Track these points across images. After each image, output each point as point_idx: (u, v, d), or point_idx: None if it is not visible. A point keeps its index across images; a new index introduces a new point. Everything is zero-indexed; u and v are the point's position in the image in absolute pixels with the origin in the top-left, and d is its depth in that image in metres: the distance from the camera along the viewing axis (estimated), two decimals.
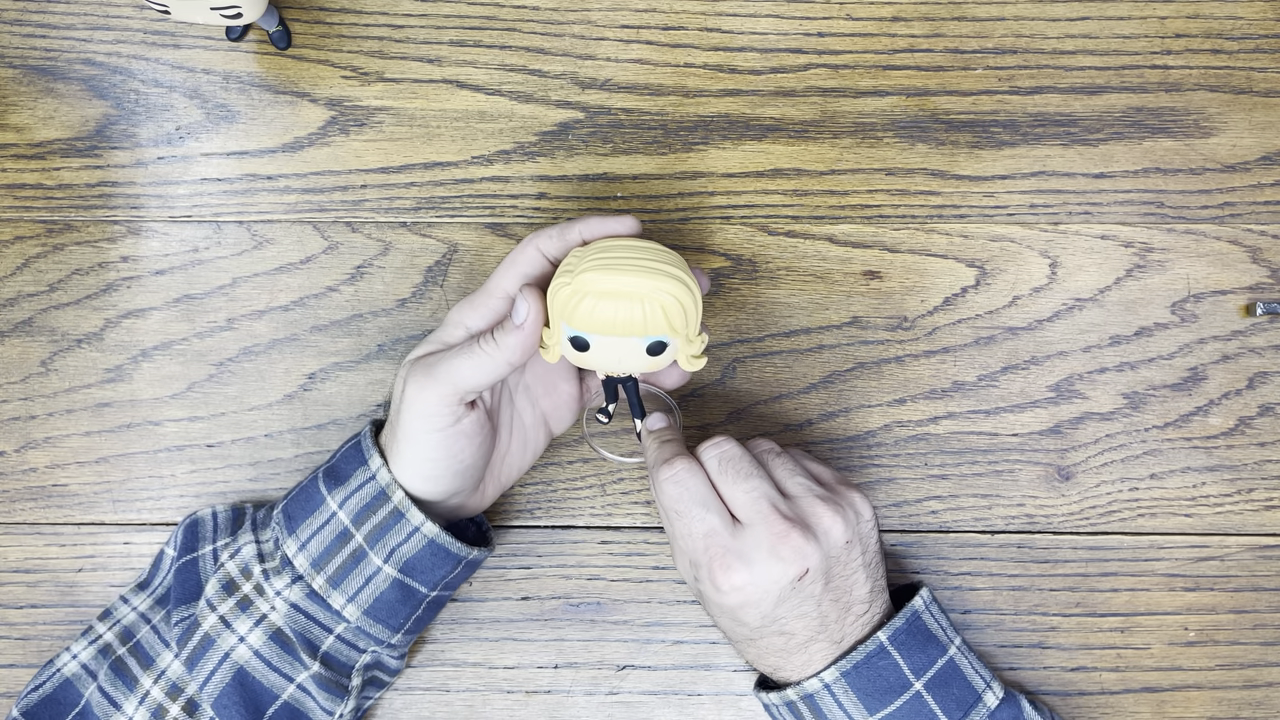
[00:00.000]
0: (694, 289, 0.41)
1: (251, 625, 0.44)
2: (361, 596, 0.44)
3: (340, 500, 0.44)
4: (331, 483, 0.45)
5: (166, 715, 0.44)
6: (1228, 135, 0.52)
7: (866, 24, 0.52)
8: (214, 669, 0.44)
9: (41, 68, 0.52)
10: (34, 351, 0.52)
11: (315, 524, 0.44)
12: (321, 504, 0.44)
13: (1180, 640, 0.51)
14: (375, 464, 0.44)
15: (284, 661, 0.44)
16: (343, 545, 0.44)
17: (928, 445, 0.52)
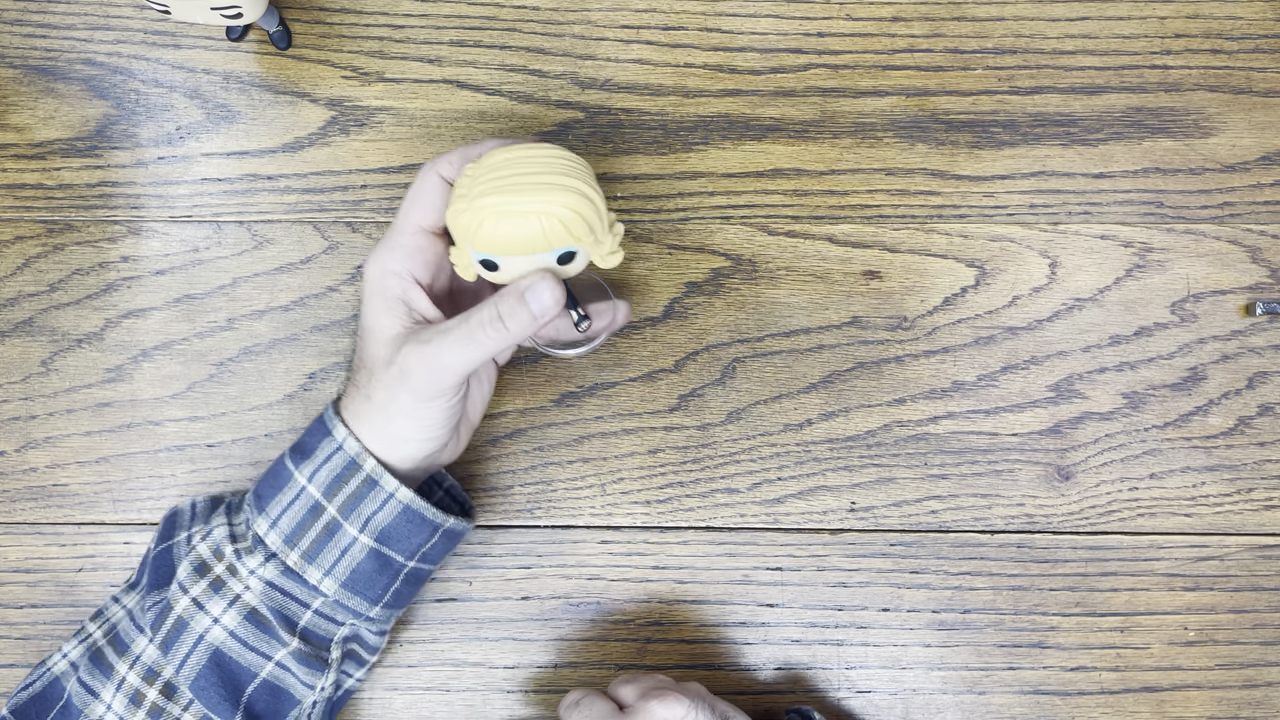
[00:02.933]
0: (592, 192, 0.41)
1: (225, 606, 0.44)
2: (338, 569, 0.44)
3: (309, 474, 0.44)
4: (298, 458, 0.44)
5: (144, 700, 0.44)
6: (1227, 135, 0.52)
7: (866, 24, 0.52)
8: (189, 651, 0.43)
9: (42, 68, 0.52)
10: (34, 351, 0.52)
11: (285, 500, 0.44)
12: (290, 480, 0.44)
13: (1180, 640, 0.51)
14: (340, 434, 0.44)
15: (261, 640, 0.44)
16: (315, 519, 0.43)
17: (927, 445, 0.52)
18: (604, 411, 0.52)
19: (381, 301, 0.43)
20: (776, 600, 0.51)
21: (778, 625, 0.51)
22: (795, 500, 0.51)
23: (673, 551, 0.51)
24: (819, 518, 0.51)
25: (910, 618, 0.51)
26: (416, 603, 0.51)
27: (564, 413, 0.52)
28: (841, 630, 0.51)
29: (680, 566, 0.51)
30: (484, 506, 0.51)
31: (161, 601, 0.45)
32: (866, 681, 0.51)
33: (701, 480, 0.52)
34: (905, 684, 0.51)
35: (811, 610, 0.51)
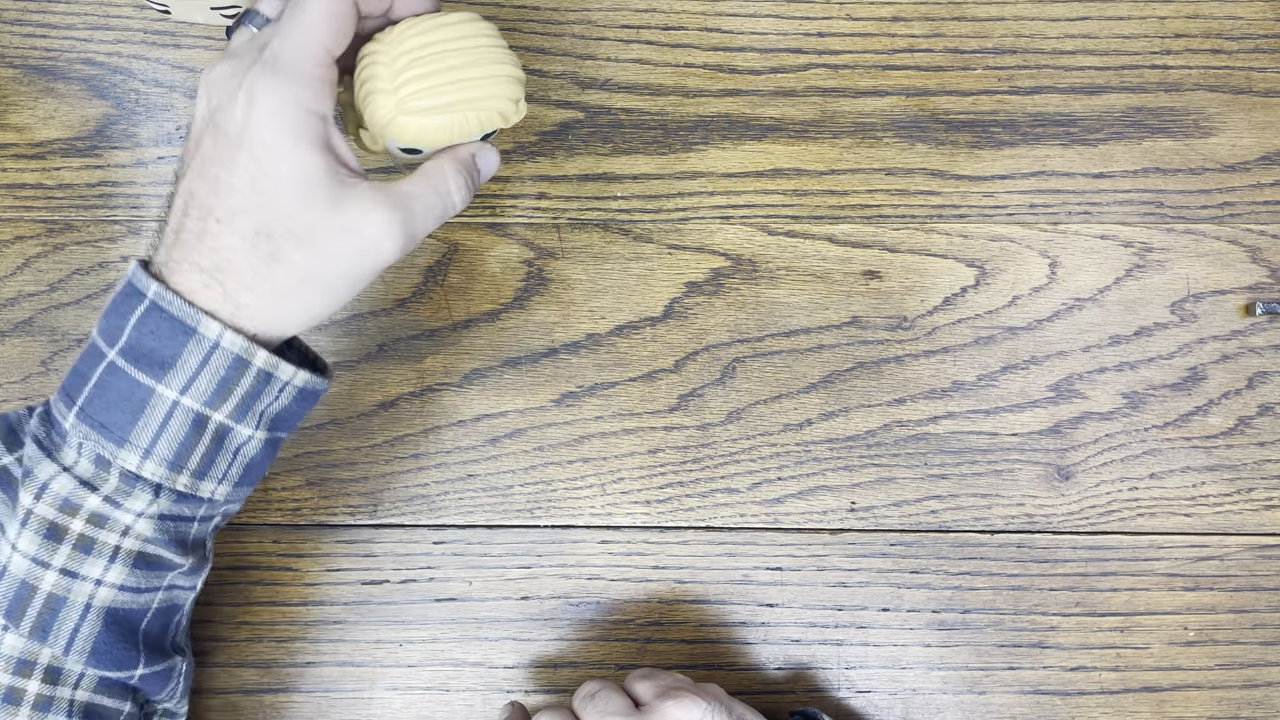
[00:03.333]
0: (517, 70, 0.40)
1: (106, 563, 0.38)
2: (231, 472, 0.39)
3: (180, 387, 0.36)
4: (152, 370, 0.36)
5: (23, 697, 0.38)
6: (1227, 135, 0.52)
7: (866, 24, 0.52)
8: (77, 625, 0.38)
9: (42, 67, 0.52)
10: (34, 351, 0.52)
11: (153, 423, 0.37)
12: (151, 398, 0.36)
13: (1180, 640, 0.51)
14: (213, 330, 0.36)
15: (153, 577, 0.39)
16: (200, 432, 0.37)
17: (927, 445, 0.52)
18: (604, 411, 0.52)
19: (305, 149, 0.36)
20: (776, 600, 0.51)
21: (777, 625, 0.51)
22: (795, 500, 0.51)
23: (672, 551, 0.51)
24: (819, 518, 0.51)
25: (910, 618, 0.51)
26: (417, 602, 0.51)
27: (564, 413, 0.52)
28: (841, 630, 0.51)
29: (680, 566, 0.51)
30: (484, 506, 0.51)
31: (11, 588, 0.37)
32: (866, 681, 0.51)
33: (701, 480, 0.52)
34: (905, 684, 0.51)
35: (811, 610, 0.51)
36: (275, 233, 0.36)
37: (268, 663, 0.51)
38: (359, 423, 0.52)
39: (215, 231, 0.36)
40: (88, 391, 0.37)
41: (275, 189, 0.36)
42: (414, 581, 0.51)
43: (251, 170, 0.36)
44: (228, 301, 0.36)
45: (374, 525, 0.51)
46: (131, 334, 0.37)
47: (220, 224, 0.36)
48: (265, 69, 0.35)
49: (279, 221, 0.36)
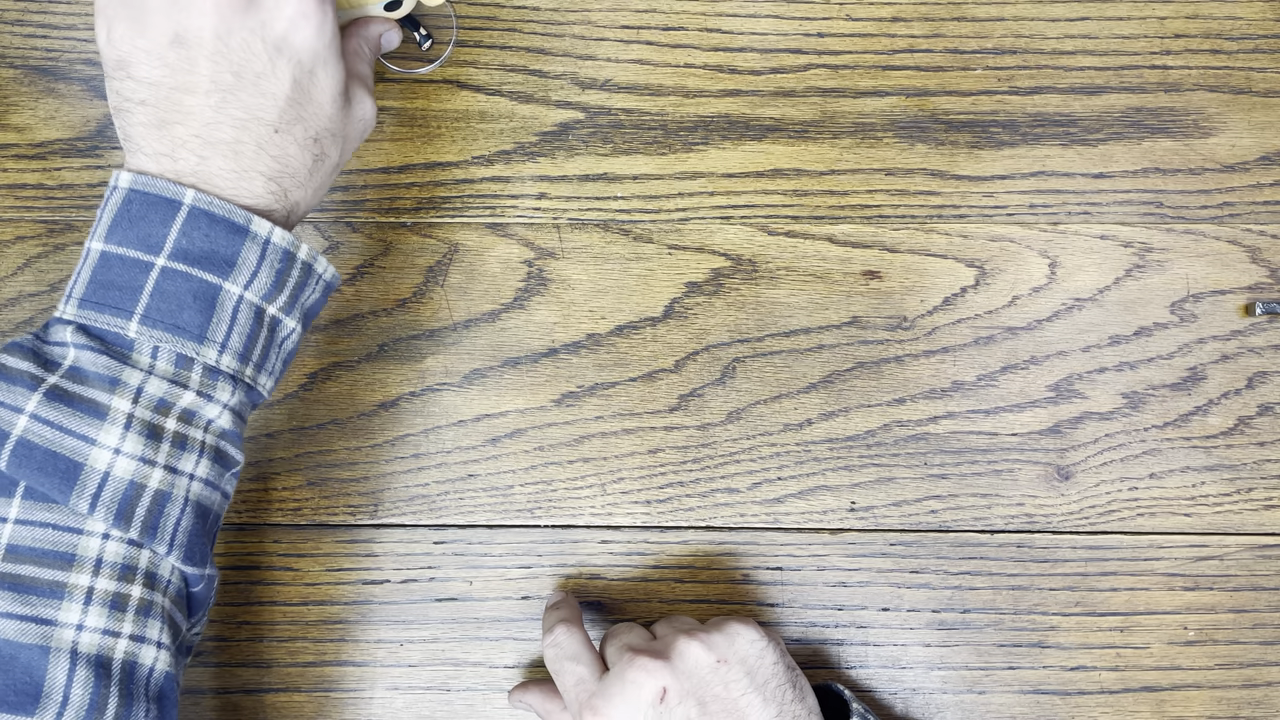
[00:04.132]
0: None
1: (197, 458, 0.39)
2: (277, 365, 0.42)
3: (244, 283, 0.39)
4: (219, 269, 0.38)
5: (128, 602, 0.38)
6: (1227, 135, 0.52)
7: (866, 24, 0.53)
8: (177, 521, 0.38)
9: (43, 68, 0.52)
10: None
11: (225, 318, 0.39)
12: (220, 295, 0.38)
13: (1180, 640, 0.51)
14: (264, 228, 0.39)
15: (222, 473, 0.41)
16: (260, 325, 0.40)
17: (927, 445, 0.52)
18: (604, 411, 0.52)
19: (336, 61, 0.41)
20: (776, 600, 0.51)
21: (777, 625, 0.51)
22: (795, 500, 0.51)
23: (673, 551, 0.51)
24: (819, 518, 0.51)
25: (910, 617, 0.51)
26: (417, 602, 0.51)
27: (564, 413, 0.52)
28: (841, 630, 0.51)
29: (680, 566, 0.51)
30: (484, 506, 0.51)
31: (119, 489, 0.37)
32: (866, 681, 0.51)
33: (701, 480, 0.52)
34: (905, 684, 0.51)
35: (811, 610, 0.51)
36: (322, 136, 0.41)
37: (268, 662, 0.51)
38: (359, 423, 0.52)
39: (276, 140, 0.40)
40: (147, 299, 0.38)
41: (321, 100, 0.41)
42: (414, 581, 0.51)
43: (301, 83, 0.40)
44: (284, 200, 0.41)
45: (375, 525, 0.51)
46: (179, 239, 0.38)
47: (279, 134, 0.40)
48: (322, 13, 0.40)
49: (324, 126, 0.41)
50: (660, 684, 0.41)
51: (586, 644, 0.45)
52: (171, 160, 0.39)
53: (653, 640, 0.44)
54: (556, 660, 0.45)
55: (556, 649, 0.45)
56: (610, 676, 0.42)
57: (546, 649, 0.45)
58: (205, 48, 0.38)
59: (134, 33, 0.39)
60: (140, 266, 0.38)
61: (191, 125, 0.39)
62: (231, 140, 0.39)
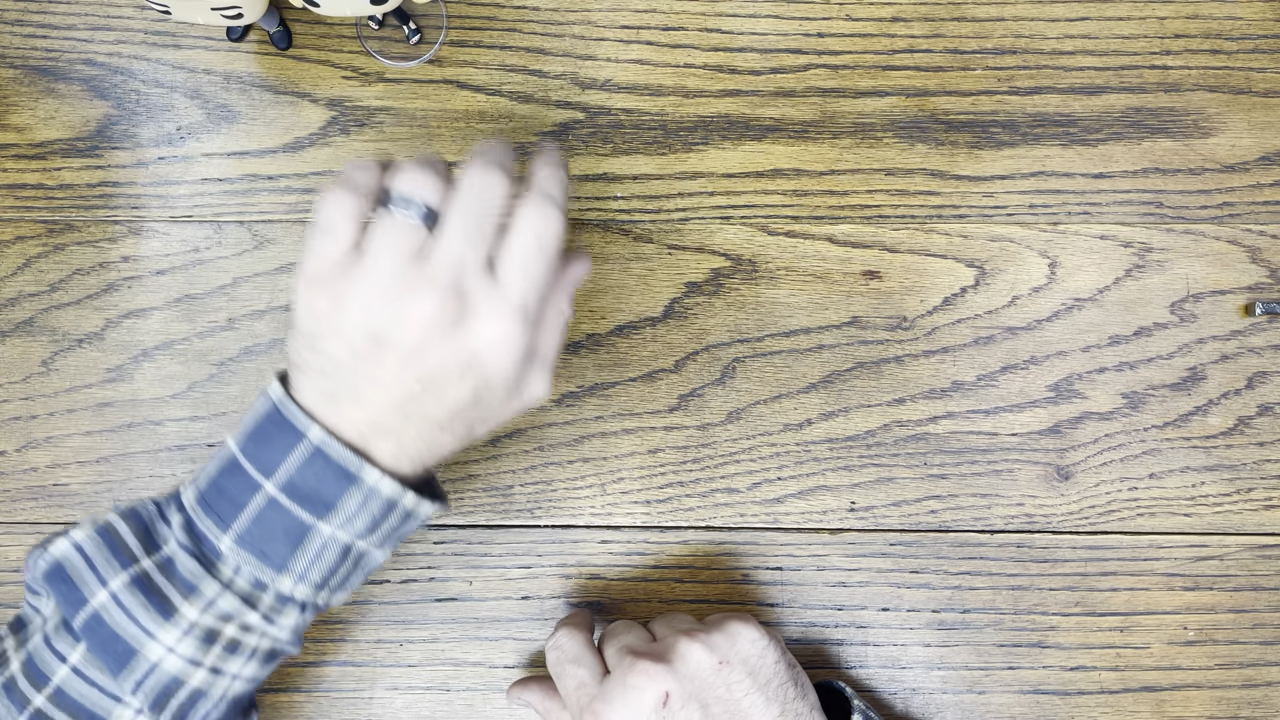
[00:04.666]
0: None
1: (245, 661, 0.40)
2: (355, 582, 0.42)
3: (339, 523, 0.39)
4: (315, 509, 0.39)
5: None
6: (1227, 135, 0.52)
7: (866, 24, 0.53)
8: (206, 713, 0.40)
9: (42, 68, 0.52)
10: (35, 351, 0.52)
11: (309, 553, 0.40)
12: (310, 533, 0.39)
13: (1179, 640, 0.51)
14: (372, 478, 0.39)
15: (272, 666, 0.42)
16: (345, 558, 0.40)
17: (927, 445, 0.52)
18: (604, 411, 0.52)
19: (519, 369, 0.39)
20: (776, 600, 0.51)
21: (777, 625, 0.51)
22: (795, 500, 0.51)
23: (672, 551, 0.51)
24: (819, 518, 0.51)
25: (910, 617, 0.51)
26: (417, 602, 0.51)
27: (564, 413, 0.52)
28: (841, 630, 0.51)
29: (680, 566, 0.51)
30: (484, 506, 0.52)
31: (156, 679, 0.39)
32: (866, 681, 0.51)
33: (701, 480, 0.52)
34: (905, 684, 0.51)
35: (811, 610, 0.51)
36: (480, 425, 0.40)
37: None
38: None
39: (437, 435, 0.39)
40: (246, 522, 0.39)
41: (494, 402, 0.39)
42: (414, 581, 0.51)
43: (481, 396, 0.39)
44: (401, 456, 0.39)
45: None
46: (294, 474, 0.39)
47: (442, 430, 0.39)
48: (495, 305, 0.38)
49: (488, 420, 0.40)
50: (663, 689, 0.41)
51: (589, 647, 0.45)
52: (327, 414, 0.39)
53: (652, 641, 0.44)
54: (558, 664, 0.44)
55: (558, 651, 0.45)
56: (611, 681, 0.42)
57: (549, 651, 0.45)
58: (399, 353, 0.38)
59: (335, 314, 0.38)
60: (251, 486, 0.39)
61: (363, 410, 0.39)
62: (396, 429, 0.39)
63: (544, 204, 0.38)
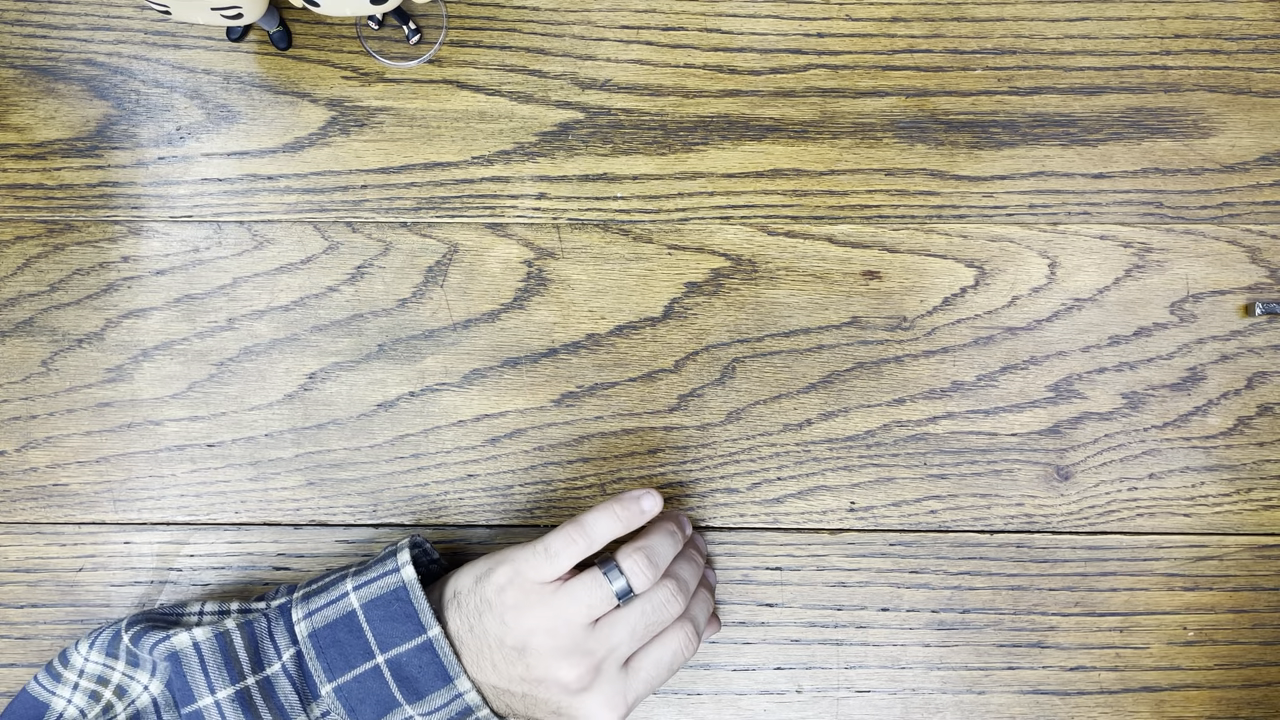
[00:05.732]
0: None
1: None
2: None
3: (422, 713, 0.44)
4: (409, 693, 0.44)
5: None
6: (1227, 135, 0.52)
7: (866, 24, 0.53)
8: None
9: (42, 68, 0.52)
10: (35, 351, 0.52)
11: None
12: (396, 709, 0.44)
13: (1179, 640, 0.51)
14: (465, 685, 0.44)
15: None
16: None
17: (927, 445, 0.52)
18: (604, 411, 0.52)
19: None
20: (776, 600, 0.51)
21: (777, 625, 0.51)
22: (795, 500, 0.51)
23: None
24: (818, 518, 0.51)
25: (909, 617, 0.51)
26: None
27: (564, 413, 0.52)
28: (841, 630, 0.51)
29: None
30: (484, 507, 0.52)
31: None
32: (865, 681, 0.51)
33: (701, 480, 0.52)
34: (904, 684, 0.51)
35: (811, 610, 0.51)
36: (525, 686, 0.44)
37: None
38: (359, 423, 0.52)
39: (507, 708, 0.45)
40: (350, 679, 0.44)
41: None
42: None
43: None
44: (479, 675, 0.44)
45: (374, 525, 0.51)
46: (403, 656, 0.44)
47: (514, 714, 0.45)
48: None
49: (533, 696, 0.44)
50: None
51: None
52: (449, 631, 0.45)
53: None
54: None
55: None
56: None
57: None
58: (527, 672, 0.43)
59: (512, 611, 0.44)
60: (366, 653, 0.44)
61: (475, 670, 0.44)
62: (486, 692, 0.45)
63: (690, 634, 0.45)
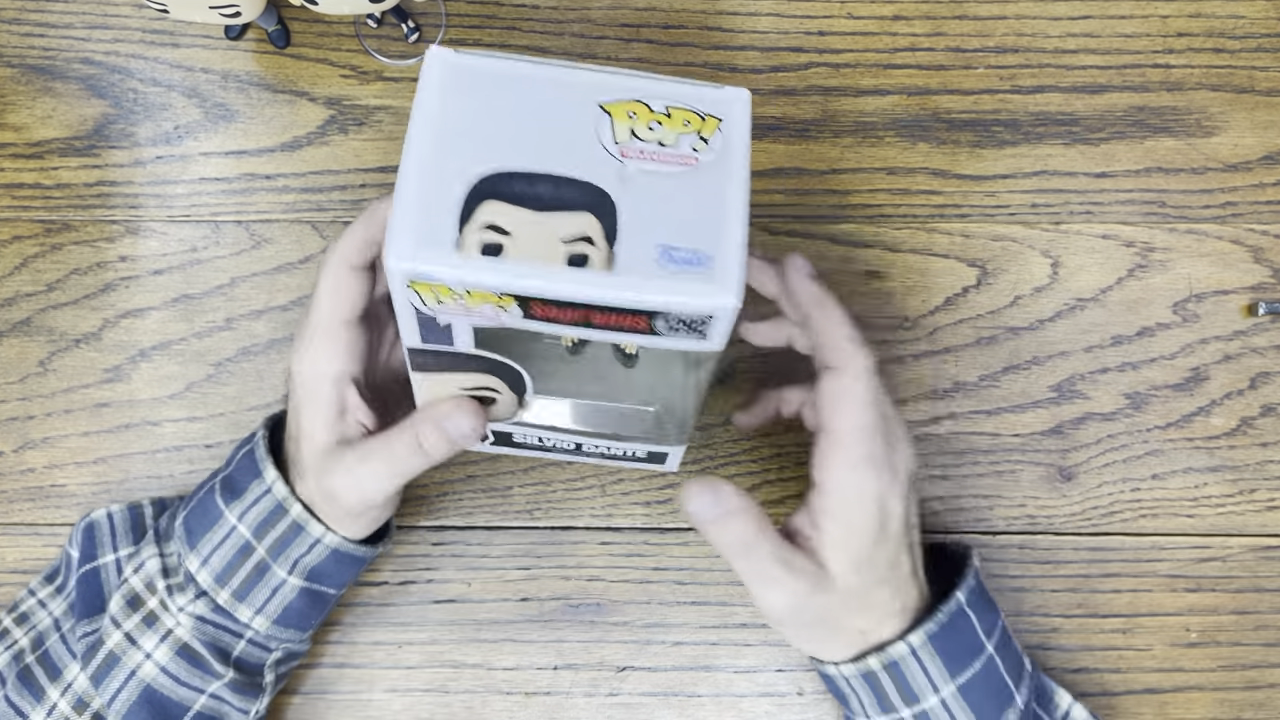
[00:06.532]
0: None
1: (158, 641, 0.43)
2: (269, 608, 0.44)
3: (239, 514, 0.43)
4: (228, 495, 0.43)
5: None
6: (1230, 135, 0.52)
7: (867, 22, 0.52)
8: (120, 687, 0.43)
9: (40, 67, 0.52)
10: (32, 351, 0.52)
11: (215, 538, 0.43)
12: (220, 518, 0.43)
13: (1182, 641, 0.51)
14: (270, 476, 0.43)
15: (194, 675, 0.44)
16: (245, 559, 0.43)
17: (929, 446, 0.51)
18: None
19: (317, 410, 0.41)
20: None
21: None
22: (796, 501, 0.51)
23: (673, 553, 0.51)
24: None
25: None
26: (415, 604, 0.51)
27: None
28: None
29: (680, 568, 0.51)
30: (482, 508, 0.51)
31: (94, 633, 0.44)
32: None
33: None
34: None
35: None
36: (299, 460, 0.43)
37: None
38: None
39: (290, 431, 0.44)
40: (192, 503, 0.45)
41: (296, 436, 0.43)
42: (413, 583, 0.51)
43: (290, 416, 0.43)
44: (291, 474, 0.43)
45: None
46: (234, 465, 0.44)
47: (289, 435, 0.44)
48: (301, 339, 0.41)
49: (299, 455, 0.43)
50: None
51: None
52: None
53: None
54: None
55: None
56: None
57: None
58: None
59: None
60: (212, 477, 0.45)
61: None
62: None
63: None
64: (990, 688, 0.42)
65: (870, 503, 0.39)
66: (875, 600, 0.40)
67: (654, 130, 0.33)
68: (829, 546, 0.39)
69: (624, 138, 0.33)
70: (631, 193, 0.32)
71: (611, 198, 0.32)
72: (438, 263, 0.31)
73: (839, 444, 0.39)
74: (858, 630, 0.41)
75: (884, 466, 0.39)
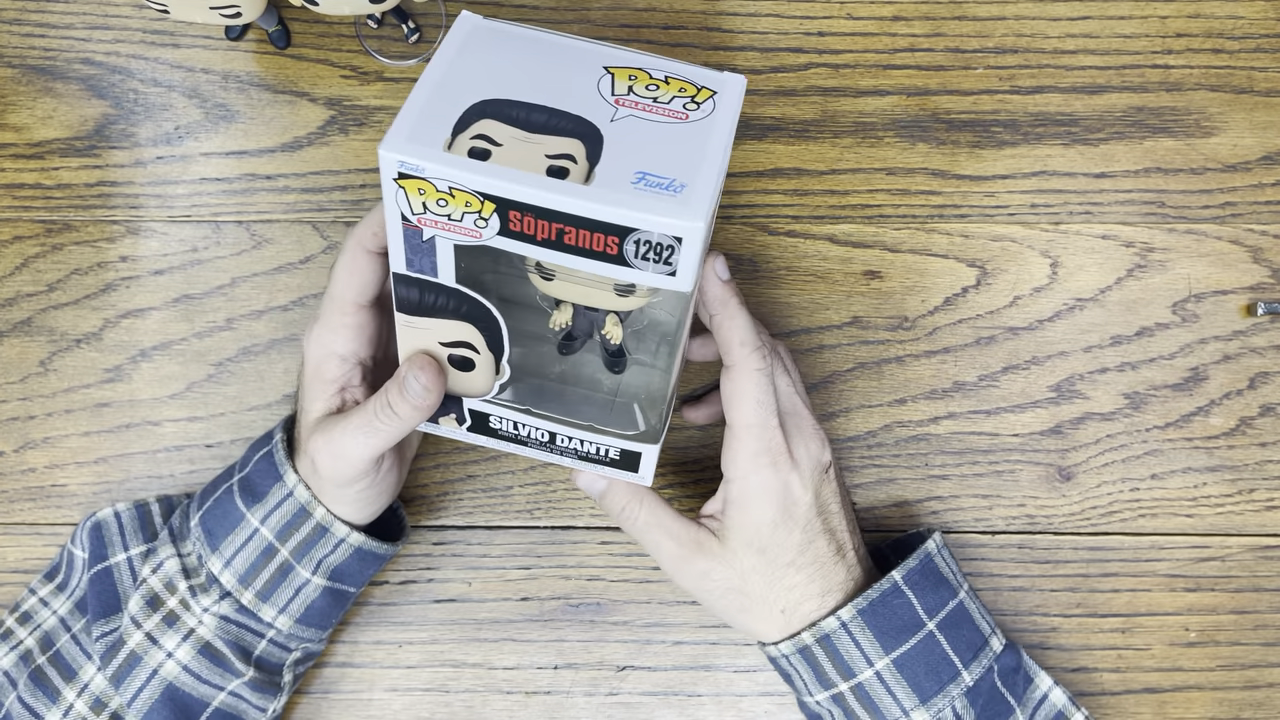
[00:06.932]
0: None
1: (179, 640, 0.44)
2: (292, 607, 0.45)
3: (261, 517, 0.44)
4: (249, 498, 0.44)
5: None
6: (1229, 135, 0.52)
7: (867, 23, 0.52)
8: (142, 686, 0.44)
9: (40, 67, 0.52)
10: (33, 351, 0.52)
11: (238, 541, 0.44)
12: (241, 520, 0.44)
13: (1181, 641, 0.51)
14: (291, 480, 0.44)
15: (215, 673, 0.44)
16: (269, 560, 0.44)
17: (928, 445, 0.51)
18: None
19: (319, 385, 0.43)
20: None
21: None
22: None
23: None
24: None
25: None
26: (416, 604, 0.51)
27: None
28: None
29: None
30: (483, 507, 0.51)
31: (114, 633, 0.45)
32: None
33: (702, 481, 0.51)
34: None
35: None
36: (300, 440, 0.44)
37: None
38: None
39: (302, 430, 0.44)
40: (210, 504, 0.45)
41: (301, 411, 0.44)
42: (413, 583, 0.51)
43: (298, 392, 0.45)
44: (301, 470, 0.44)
45: None
46: (251, 467, 0.45)
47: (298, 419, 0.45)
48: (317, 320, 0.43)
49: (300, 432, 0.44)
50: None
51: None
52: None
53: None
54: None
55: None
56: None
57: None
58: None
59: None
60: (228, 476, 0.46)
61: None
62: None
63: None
64: (930, 663, 0.43)
65: (767, 490, 0.42)
66: (788, 581, 0.43)
67: (650, 90, 0.36)
68: (730, 529, 0.43)
69: (622, 91, 0.36)
70: (620, 130, 0.35)
71: (600, 130, 0.34)
72: (424, 157, 0.33)
73: (736, 437, 0.42)
74: (778, 610, 0.43)
75: (781, 457, 0.42)
